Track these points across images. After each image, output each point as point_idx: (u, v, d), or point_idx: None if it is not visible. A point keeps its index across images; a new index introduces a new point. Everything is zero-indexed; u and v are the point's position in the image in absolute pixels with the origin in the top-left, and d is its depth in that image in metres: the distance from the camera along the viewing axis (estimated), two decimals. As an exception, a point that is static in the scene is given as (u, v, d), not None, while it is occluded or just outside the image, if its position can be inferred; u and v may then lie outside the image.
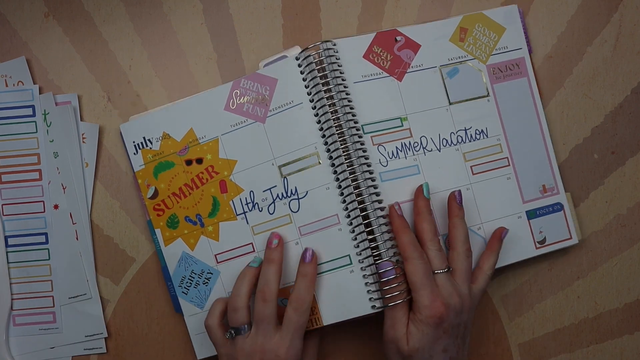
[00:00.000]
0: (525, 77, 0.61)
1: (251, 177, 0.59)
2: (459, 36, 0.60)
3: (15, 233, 0.63)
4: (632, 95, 0.62)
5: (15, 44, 0.64)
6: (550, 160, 0.61)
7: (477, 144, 0.60)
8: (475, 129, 0.60)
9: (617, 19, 0.62)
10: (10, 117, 0.63)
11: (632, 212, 0.62)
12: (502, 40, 0.61)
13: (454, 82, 0.60)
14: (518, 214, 0.60)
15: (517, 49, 0.61)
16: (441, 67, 0.59)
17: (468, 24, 0.60)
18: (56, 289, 0.63)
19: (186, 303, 0.61)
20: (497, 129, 0.60)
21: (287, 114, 0.58)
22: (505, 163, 0.60)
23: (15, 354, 0.63)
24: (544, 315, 0.62)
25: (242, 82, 0.59)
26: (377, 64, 0.59)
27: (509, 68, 0.60)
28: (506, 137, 0.60)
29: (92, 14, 0.64)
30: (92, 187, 0.63)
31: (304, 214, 0.58)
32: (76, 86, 0.64)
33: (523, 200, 0.60)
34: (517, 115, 0.60)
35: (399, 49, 0.59)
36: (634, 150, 0.62)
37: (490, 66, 0.60)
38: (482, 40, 0.60)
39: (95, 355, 0.64)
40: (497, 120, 0.60)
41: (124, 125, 0.61)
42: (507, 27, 0.61)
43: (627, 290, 0.62)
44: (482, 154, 0.60)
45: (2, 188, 0.63)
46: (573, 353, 0.63)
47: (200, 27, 0.63)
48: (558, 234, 0.60)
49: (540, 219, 0.60)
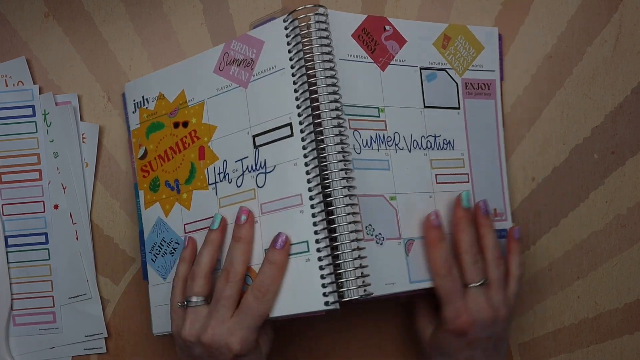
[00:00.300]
0: (493, 99, 0.60)
1: (227, 145, 0.56)
2: (442, 42, 0.59)
3: (15, 233, 0.63)
4: (632, 95, 0.62)
5: (15, 44, 0.64)
6: (503, 187, 0.60)
7: (444, 154, 0.58)
8: (444, 139, 0.58)
9: (617, 19, 0.62)
10: (10, 117, 0.63)
11: (632, 212, 0.62)
12: (479, 58, 0.60)
13: (431, 87, 0.58)
14: None
15: (490, 70, 0.61)
16: (422, 69, 0.58)
17: (452, 33, 0.60)
18: (56, 289, 0.63)
19: (152, 271, 0.59)
20: (463, 143, 0.59)
21: (269, 80, 0.54)
22: (466, 179, 0.58)
23: (15, 354, 0.63)
24: (544, 315, 0.62)
25: (232, 44, 0.56)
26: (364, 47, 0.56)
27: (480, 87, 0.60)
28: (469, 154, 0.59)
29: (92, 14, 0.64)
30: (92, 187, 0.63)
31: (268, 190, 0.53)
32: (76, 86, 0.64)
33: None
34: (481, 135, 0.59)
35: (385, 39, 0.57)
36: (634, 150, 0.62)
37: (465, 80, 0.59)
38: (461, 53, 0.60)
39: (95, 355, 0.64)
40: (463, 135, 0.59)
41: (128, 84, 0.61)
42: (486, 46, 0.60)
43: (627, 290, 0.62)
44: (447, 164, 0.58)
45: (2, 188, 0.63)
46: (573, 353, 0.63)
47: (200, 27, 0.63)
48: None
49: None
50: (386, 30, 0.57)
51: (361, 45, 0.55)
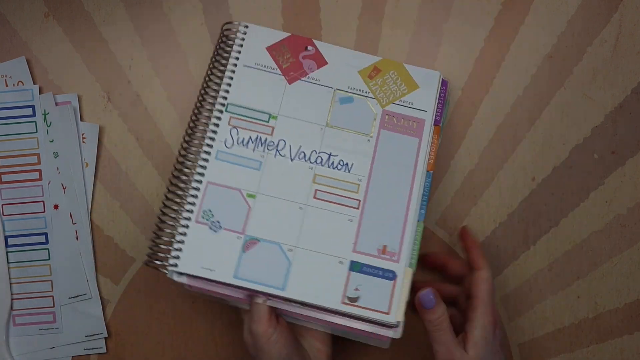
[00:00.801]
0: (417, 138, 0.58)
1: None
2: (370, 72, 0.59)
3: (15, 233, 0.63)
4: (632, 95, 0.62)
5: (15, 44, 0.64)
6: (405, 227, 0.56)
7: (335, 173, 0.57)
8: (340, 159, 0.58)
9: (617, 19, 0.62)
10: (10, 117, 0.63)
11: (632, 212, 0.62)
12: (410, 96, 0.59)
13: (343, 109, 0.58)
14: (341, 259, 0.55)
15: (422, 110, 0.59)
16: (337, 90, 0.59)
17: (384, 66, 0.59)
18: (56, 289, 0.63)
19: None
20: (364, 170, 0.57)
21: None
22: (355, 205, 0.57)
23: (15, 354, 0.63)
24: (544, 315, 0.62)
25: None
26: (276, 60, 0.59)
27: (405, 122, 0.58)
28: (369, 182, 0.57)
29: (92, 14, 0.64)
30: (92, 187, 0.63)
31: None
32: (76, 86, 0.64)
33: (354, 249, 0.56)
34: (392, 169, 0.57)
35: (304, 57, 0.59)
36: (634, 150, 0.62)
37: (386, 112, 0.58)
38: (389, 86, 0.59)
39: (95, 355, 0.64)
40: (368, 162, 0.57)
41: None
42: (422, 87, 0.59)
43: (627, 290, 0.62)
44: (334, 184, 0.57)
45: (2, 188, 0.63)
46: (573, 353, 0.63)
47: (200, 27, 0.63)
48: (375, 302, 0.54)
49: (363, 277, 0.54)
50: (307, 50, 0.60)
51: (273, 58, 0.59)
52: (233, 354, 0.64)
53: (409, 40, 0.63)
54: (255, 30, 0.60)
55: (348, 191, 0.57)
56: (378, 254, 0.55)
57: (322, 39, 0.63)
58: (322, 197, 0.57)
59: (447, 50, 0.63)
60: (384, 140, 0.58)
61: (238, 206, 0.56)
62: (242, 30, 0.60)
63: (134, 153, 0.63)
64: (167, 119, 0.63)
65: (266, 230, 0.56)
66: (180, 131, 0.63)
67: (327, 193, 0.57)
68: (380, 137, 0.58)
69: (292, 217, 0.56)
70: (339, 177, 0.57)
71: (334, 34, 0.63)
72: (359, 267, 0.55)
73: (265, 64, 0.59)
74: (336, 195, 0.57)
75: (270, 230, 0.56)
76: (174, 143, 0.63)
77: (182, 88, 0.63)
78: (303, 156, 0.57)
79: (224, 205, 0.56)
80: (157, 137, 0.63)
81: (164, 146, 0.63)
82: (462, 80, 0.63)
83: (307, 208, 0.56)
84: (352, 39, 0.63)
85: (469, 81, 0.63)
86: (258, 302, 0.54)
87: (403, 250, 0.55)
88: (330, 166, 0.57)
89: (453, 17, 0.63)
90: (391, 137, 0.58)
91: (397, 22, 0.63)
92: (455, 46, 0.63)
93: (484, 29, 0.63)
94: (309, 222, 0.56)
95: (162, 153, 0.63)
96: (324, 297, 0.54)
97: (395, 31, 0.63)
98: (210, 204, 0.56)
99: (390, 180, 0.57)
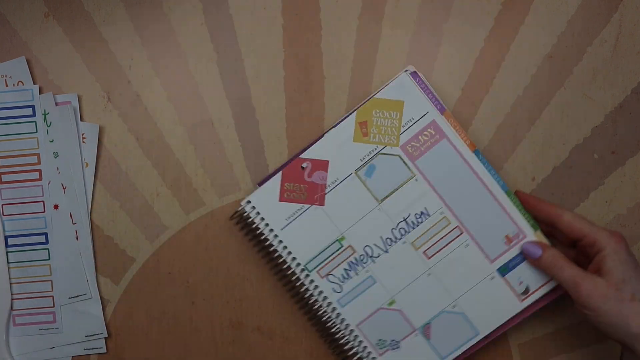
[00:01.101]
0: (444, 138, 0.58)
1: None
2: (361, 132, 0.58)
3: (15, 233, 0.63)
4: (632, 95, 0.62)
5: (15, 44, 0.64)
6: (505, 208, 0.58)
7: (422, 228, 0.58)
8: (415, 214, 0.58)
9: (617, 19, 0.62)
10: (10, 117, 0.63)
11: (632, 212, 0.62)
12: (405, 114, 0.58)
13: (375, 179, 0.58)
14: (490, 276, 0.58)
15: (424, 114, 0.58)
16: (357, 171, 0.58)
17: (365, 116, 0.58)
18: (56, 289, 0.63)
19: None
20: (436, 202, 0.58)
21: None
22: (458, 232, 0.58)
23: (15, 354, 0.63)
24: (544, 315, 0.62)
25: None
26: (295, 200, 0.59)
27: (424, 138, 0.58)
28: (449, 206, 0.58)
29: (92, 14, 0.64)
30: (92, 187, 0.63)
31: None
32: (76, 86, 0.64)
33: (490, 260, 0.58)
34: (451, 179, 0.58)
35: (309, 175, 0.59)
36: (634, 150, 0.62)
37: (404, 145, 0.58)
38: (385, 125, 0.58)
39: (95, 355, 0.64)
40: (433, 195, 0.58)
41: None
42: (404, 98, 0.58)
43: (627, 290, 0.62)
44: (430, 234, 0.58)
45: (2, 188, 0.63)
46: (573, 353, 0.63)
47: (200, 27, 0.63)
48: (541, 278, 0.58)
49: (516, 270, 0.58)
50: (304, 168, 0.59)
51: (291, 201, 0.59)
52: (233, 354, 0.64)
53: (409, 40, 0.63)
54: (258, 195, 0.59)
55: (443, 228, 0.58)
56: (508, 246, 0.58)
57: (322, 39, 0.63)
58: (432, 253, 0.59)
59: (447, 50, 0.63)
60: (424, 168, 0.58)
61: (391, 318, 0.59)
62: (248, 207, 0.59)
63: (134, 153, 0.63)
64: (167, 119, 0.63)
65: (424, 312, 0.59)
66: (180, 131, 0.63)
67: (432, 247, 0.59)
68: (420, 167, 0.58)
69: (430, 285, 0.59)
70: (428, 227, 0.58)
71: (334, 34, 0.63)
72: (506, 269, 0.58)
73: (293, 211, 0.59)
74: (439, 240, 0.58)
75: (426, 310, 0.59)
76: (174, 143, 0.63)
77: (182, 88, 0.63)
78: (390, 241, 0.59)
79: (383, 326, 0.59)
80: (157, 137, 0.63)
81: (164, 146, 0.63)
82: (462, 80, 0.63)
83: (432, 270, 0.59)
84: (352, 39, 0.63)
85: (469, 81, 0.63)
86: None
87: (519, 225, 0.57)
88: (414, 226, 0.58)
89: (453, 17, 0.62)
90: (427, 159, 0.58)
91: (397, 22, 0.63)
92: (455, 46, 0.63)
93: (484, 29, 0.63)
94: (444, 278, 0.58)
95: (162, 153, 0.63)
96: (507, 310, 0.59)
97: (395, 31, 0.63)
98: (374, 335, 0.59)
99: (460, 187, 0.58)
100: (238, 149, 0.63)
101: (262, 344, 0.64)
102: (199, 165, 0.63)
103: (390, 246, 0.58)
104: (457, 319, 0.59)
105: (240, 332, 0.63)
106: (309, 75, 0.63)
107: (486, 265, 0.58)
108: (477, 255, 0.58)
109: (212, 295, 0.64)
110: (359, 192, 0.58)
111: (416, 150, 0.58)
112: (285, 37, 0.63)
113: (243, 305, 0.63)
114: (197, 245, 0.63)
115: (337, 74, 0.63)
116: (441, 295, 0.59)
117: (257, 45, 0.63)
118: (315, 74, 0.63)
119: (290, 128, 0.63)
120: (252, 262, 0.63)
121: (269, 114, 0.63)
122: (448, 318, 0.58)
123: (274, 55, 0.63)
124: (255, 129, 0.63)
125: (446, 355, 0.59)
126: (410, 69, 0.59)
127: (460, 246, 0.58)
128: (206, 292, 0.64)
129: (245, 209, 0.60)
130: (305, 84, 0.63)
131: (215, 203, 0.63)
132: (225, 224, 0.63)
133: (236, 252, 0.63)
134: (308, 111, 0.63)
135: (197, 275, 0.64)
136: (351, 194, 0.58)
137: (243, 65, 0.63)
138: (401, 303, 0.59)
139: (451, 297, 0.59)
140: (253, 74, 0.63)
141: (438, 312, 0.59)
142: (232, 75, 0.63)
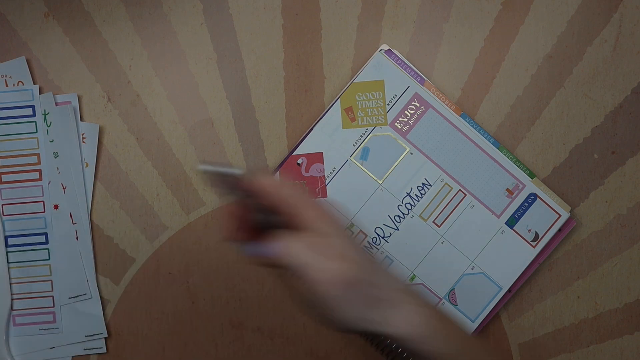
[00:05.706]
0: (429, 108, 0.59)
1: None
2: (349, 118, 0.59)
3: (15, 233, 0.63)
4: (632, 95, 0.62)
5: (15, 44, 0.64)
6: (500, 163, 0.60)
7: (427, 198, 0.59)
8: (417, 186, 0.59)
9: (617, 19, 0.62)
10: (10, 117, 0.63)
11: (632, 212, 0.62)
12: (388, 92, 0.59)
13: (371, 161, 0.59)
14: (500, 230, 0.60)
15: (405, 89, 0.59)
16: (352, 157, 0.59)
17: (349, 101, 0.59)
18: (56, 289, 0.63)
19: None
20: (435, 171, 0.59)
21: None
22: (461, 196, 0.59)
23: (15, 354, 0.63)
24: (544, 315, 0.62)
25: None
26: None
27: (410, 111, 0.59)
28: (447, 173, 0.59)
29: (92, 14, 0.64)
30: (92, 187, 0.63)
31: None
32: (76, 86, 0.64)
33: (497, 215, 0.60)
34: (444, 146, 0.59)
35: (306, 170, 0.59)
36: (634, 150, 0.62)
37: (392, 123, 0.59)
38: (370, 106, 0.59)
39: (95, 355, 0.64)
40: (430, 165, 0.59)
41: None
42: (384, 77, 0.59)
43: (627, 290, 0.62)
44: (435, 203, 0.59)
45: (2, 188, 0.63)
46: (573, 353, 0.63)
47: (200, 27, 0.63)
48: (547, 221, 0.60)
49: (523, 220, 0.60)
50: (300, 164, 0.59)
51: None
52: (233, 354, 0.64)
53: (409, 40, 0.63)
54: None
55: (447, 194, 0.59)
56: (510, 198, 0.59)
57: (322, 39, 0.63)
58: (441, 221, 0.59)
59: (447, 50, 0.63)
60: (417, 140, 0.59)
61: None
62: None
63: (134, 153, 0.63)
64: (167, 119, 0.63)
65: (446, 279, 0.60)
66: (180, 131, 0.63)
67: (440, 214, 0.59)
68: (412, 141, 0.59)
69: (446, 252, 0.59)
70: (432, 196, 0.59)
71: (334, 34, 0.63)
72: (513, 220, 0.60)
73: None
74: (445, 207, 0.59)
75: (447, 277, 0.60)
76: (174, 143, 0.63)
77: (182, 88, 0.63)
78: (399, 219, 0.59)
79: None
80: (157, 137, 0.63)
81: (164, 146, 0.63)
82: (462, 80, 0.63)
83: (445, 237, 0.59)
84: (352, 39, 0.63)
85: (469, 81, 0.63)
86: None
87: (517, 176, 0.59)
88: (418, 199, 0.59)
89: (453, 17, 0.63)
90: (418, 131, 0.59)
91: (397, 22, 0.63)
92: (455, 46, 0.63)
93: (484, 29, 0.63)
94: (458, 242, 0.59)
95: (162, 153, 0.63)
96: (523, 259, 0.59)
97: (395, 31, 0.63)
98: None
99: (454, 152, 0.59)
100: (238, 149, 0.63)
101: (262, 344, 0.64)
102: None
103: (399, 223, 0.59)
104: (479, 279, 0.59)
105: (240, 332, 0.63)
106: (309, 75, 0.63)
107: (494, 221, 0.60)
108: (483, 213, 0.59)
109: (212, 295, 0.64)
110: (358, 176, 0.59)
111: (405, 125, 0.59)
112: (285, 37, 0.63)
113: (243, 305, 0.63)
114: (197, 245, 0.63)
115: (337, 74, 0.63)
116: (458, 259, 0.59)
117: (257, 45, 0.63)
118: (315, 74, 0.63)
119: (290, 128, 0.63)
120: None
121: (269, 114, 0.63)
122: (470, 280, 0.59)
123: (274, 55, 0.63)
124: (255, 129, 0.63)
125: (476, 317, 0.60)
126: (385, 47, 0.59)
127: (467, 208, 0.59)
128: (206, 292, 0.64)
129: None
130: (305, 84, 0.63)
131: (215, 203, 0.63)
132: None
133: (236, 252, 0.63)
134: (308, 111, 0.63)
135: (197, 275, 0.64)
136: (351, 180, 0.59)
137: (243, 65, 0.63)
138: (422, 276, 0.59)
139: (468, 259, 0.60)
140: (253, 74, 0.63)
141: (459, 277, 0.60)
142: (232, 75, 0.63)
